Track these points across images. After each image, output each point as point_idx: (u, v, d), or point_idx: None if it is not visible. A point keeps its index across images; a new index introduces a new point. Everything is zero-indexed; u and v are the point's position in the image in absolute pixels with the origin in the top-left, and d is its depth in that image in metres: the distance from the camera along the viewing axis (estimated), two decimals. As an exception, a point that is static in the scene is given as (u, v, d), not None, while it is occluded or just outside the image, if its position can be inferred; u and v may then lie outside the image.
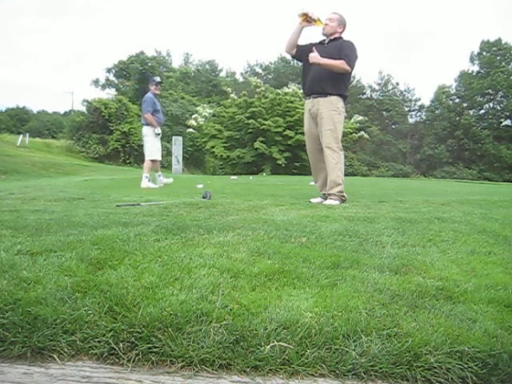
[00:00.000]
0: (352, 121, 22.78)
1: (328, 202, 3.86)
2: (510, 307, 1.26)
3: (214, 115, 24.14)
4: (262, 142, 20.87)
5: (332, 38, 3.97)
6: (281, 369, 0.98)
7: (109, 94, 37.22)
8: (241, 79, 46.95)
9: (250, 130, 21.27)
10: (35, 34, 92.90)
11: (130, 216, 2.73)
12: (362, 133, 23.33)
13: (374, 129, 38.22)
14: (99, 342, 1.04)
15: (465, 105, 40.89)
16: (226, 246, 1.87)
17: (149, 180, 6.71)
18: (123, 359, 1.01)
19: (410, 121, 45.65)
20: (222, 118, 23.13)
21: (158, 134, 6.84)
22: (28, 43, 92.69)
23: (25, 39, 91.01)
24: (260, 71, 46.47)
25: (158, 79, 7.22)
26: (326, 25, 3.95)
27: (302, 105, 16.14)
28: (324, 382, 0.95)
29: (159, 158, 6.95)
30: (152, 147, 6.82)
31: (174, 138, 18.41)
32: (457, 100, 41.71)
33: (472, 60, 41.51)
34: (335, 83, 3.91)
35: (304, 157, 19.24)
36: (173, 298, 1.21)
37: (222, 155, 21.98)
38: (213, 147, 22.28)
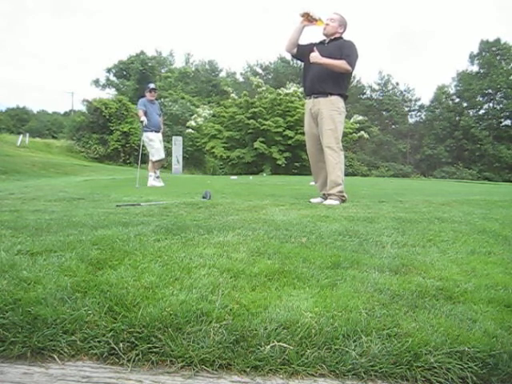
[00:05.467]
0: (352, 121, 22.79)
1: (328, 202, 3.86)
2: (510, 307, 1.26)
3: (213, 115, 24.14)
4: (262, 142, 20.88)
5: (332, 37, 3.97)
6: (281, 369, 0.97)
7: (109, 93, 37.28)
8: (241, 79, 47.01)
9: (250, 130, 21.28)
10: (35, 34, 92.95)
11: (130, 216, 2.73)
12: (362, 133, 23.33)
13: (374, 129, 38.19)
14: (99, 341, 1.04)
15: (464, 105, 40.89)
16: (226, 245, 1.87)
17: (153, 178, 7.21)
18: (123, 359, 1.00)
19: (410, 121, 45.66)
20: (222, 118, 23.13)
21: (143, 122, 7.14)
22: (28, 43, 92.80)
23: (25, 39, 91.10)
24: (260, 71, 46.49)
25: (151, 86, 7.52)
26: (327, 25, 3.95)
27: (302, 105, 16.16)
28: (324, 382, 0.95)
29: (154, 159, 7.34)
30: (151, 149, 7.35)
31: (173, 138, 18.43)
32: (456, 100, 41.72)
33: (471, 60, 41.54)
34: (336, 83, 3.91)
35: (304, 157, 19.26)
36: (173, 297, 1.21)
37: (221, 155, 21.99)
38: (213, 147, 22.29)
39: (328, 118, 3.91)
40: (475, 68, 41.22)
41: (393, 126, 44.52)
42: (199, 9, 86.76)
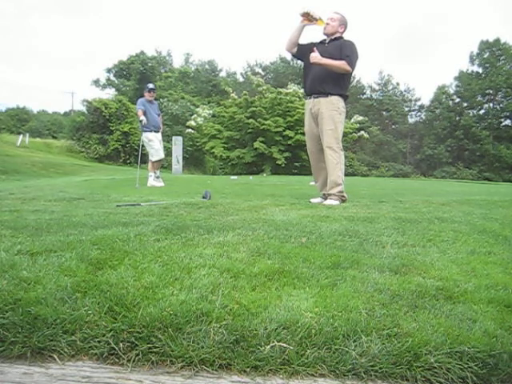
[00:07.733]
0: (352, 121, 22.78)
1: (328, 202, 3.86)
2: (510, 307, 1.26)
3: (213, 115, 24.14)
4: (261, 142, 20.88)
5: (333, 37, 3.97)
6: (281, 369, 0.98)
7: (109, 94, 37.29)
8: (241, 79, 47.00)
9: (250, 130, 21.27)
10: (35, 34, 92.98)
11: (130, 216, 2.73)
12: (362, 133, 23.34)
13: (374, 129, 38.22)
14: (99, 341, 1.04)
15: (465, 105, 40.90)
16: (226, 245, 1.87)
17: (153, 179, 7.24)
18: (123, 359, 1.00)
19: (410, 121, 45.68)
20: (221, 117, 23.12)
21: (141, 121, 7.12)
22: (28, 43, 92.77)
23: (25, 39, 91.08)
24: (260, 71, 46.46)
25: (150, 86, 7.54)
26: (328, 24, 3.95)
27: (302, 105, 16.15)
28: (324, 382, 0.95)
29: (153, 159, 7.37)
30: (151, 149, 7.37)
31: (173, 138, 18.41)
32: (457, 100, 41.72)
33: (472, 60, 41.55)
34: (336, 83, 3.91)
35: (304, 157, 19.25)
36: (173, 297, 1.21)
37: (221, 155, 21.98)
38: (212, 147, 22.28)
39: (328, 118, 3.91)
40: (475, 68, 41.28)
41: (393, 126, 44.52)
42: (199, 8, 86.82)
